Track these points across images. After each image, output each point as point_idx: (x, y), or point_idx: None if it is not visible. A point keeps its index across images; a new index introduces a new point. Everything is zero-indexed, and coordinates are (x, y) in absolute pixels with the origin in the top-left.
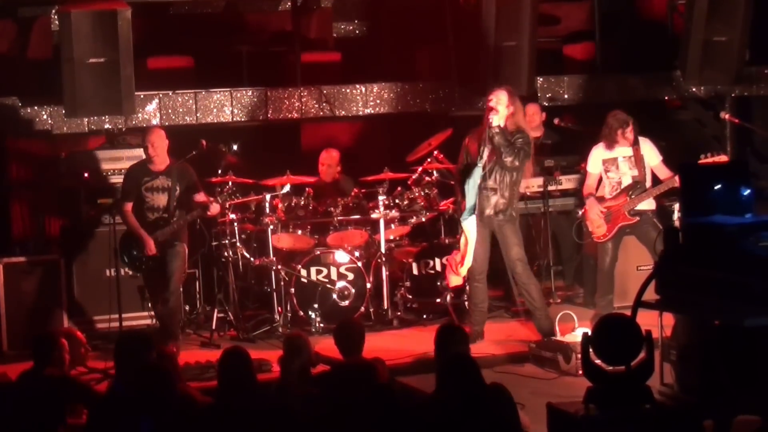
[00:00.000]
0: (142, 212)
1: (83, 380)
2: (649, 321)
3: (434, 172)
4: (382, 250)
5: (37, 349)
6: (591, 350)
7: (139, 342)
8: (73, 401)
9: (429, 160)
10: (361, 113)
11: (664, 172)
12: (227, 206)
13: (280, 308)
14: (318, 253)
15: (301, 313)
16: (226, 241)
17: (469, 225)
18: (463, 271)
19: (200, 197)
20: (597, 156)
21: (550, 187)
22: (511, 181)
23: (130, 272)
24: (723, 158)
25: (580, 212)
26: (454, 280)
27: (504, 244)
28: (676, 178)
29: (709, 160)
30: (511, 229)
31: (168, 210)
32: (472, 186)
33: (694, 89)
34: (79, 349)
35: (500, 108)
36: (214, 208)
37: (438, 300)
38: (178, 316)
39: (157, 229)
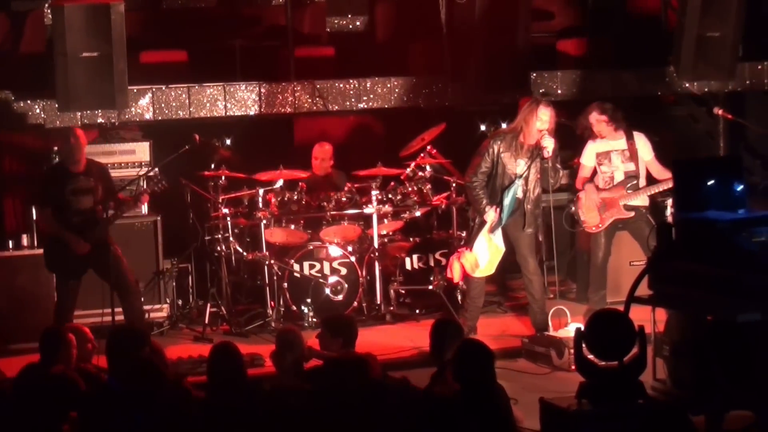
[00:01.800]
0: (65, 216)
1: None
2: (641, 316)
3: (427, 167)
4: (375, 245)
5: (45, 345)
6: (584, 345)
7: (131, 337)
8: (75, 400)
9: (422, 155)
10: (354, 108)
11: (657, 169)
12: (220, 201)
13: (272, 303)
14: (311, 247)
15: (294, 307)
16: (219, 236)
17: (498, 238)
18: (479, 274)
19: (121, 195)
20: (592, 149)
21: None
22: None
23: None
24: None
25: (574, 199)
26: (458, 277)
27: (518, 239)
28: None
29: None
30: (534, 233)
31: (93, 211)
32: (509, 202)
33: (687, 85)
34: (85, 345)
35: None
36: (144, 198)
37: (430, 287)
38: (144, 317)
39: (84, 231)
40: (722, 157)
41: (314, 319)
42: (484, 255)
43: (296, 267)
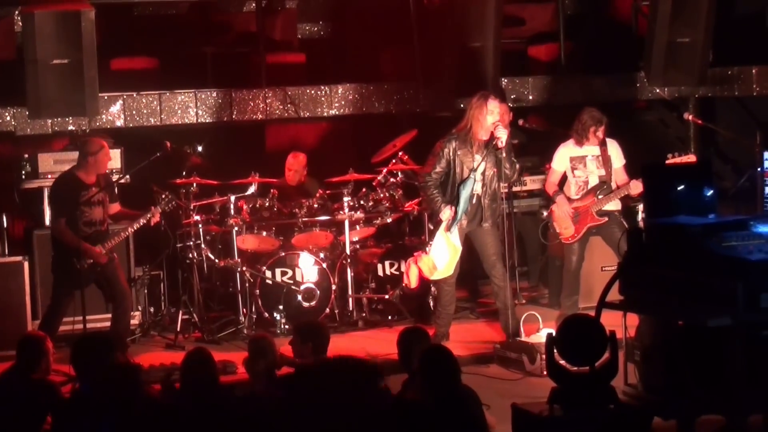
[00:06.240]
0: (76, 227)
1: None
2: (613, 321)
3: (399, 173)
4: (347, 251)
5: (26, 352)
6: (555, 351)
7: (98, 344)
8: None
9: (394, 161)
10: (325, 114)
11: (621, 177)
12: (192, 208)
13: (245, 310)
14: (283, 254)
15: (266, 314)
16: (191, 243)
17: (455, 237)
18: (437, 276)
19: (117, 207)
20: (564, 153)
21: (515, 188)
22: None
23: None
24: (691, 158)
25: (546, 213)
26: (415, 282)
27: (485, 244)
28: (631, 183)
29: (677, 160)
30: (495, 229)
31: (103, 223)
32: (465, 197)
33: (658, 90)
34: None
35: (502, 121)
36: (156, 217)
37: (387, 296)
38: (129, 328)
39: (96, 243)
40: (693, 162)
41: (286, 326)
42: (442, 255)
43: (268, 274)
